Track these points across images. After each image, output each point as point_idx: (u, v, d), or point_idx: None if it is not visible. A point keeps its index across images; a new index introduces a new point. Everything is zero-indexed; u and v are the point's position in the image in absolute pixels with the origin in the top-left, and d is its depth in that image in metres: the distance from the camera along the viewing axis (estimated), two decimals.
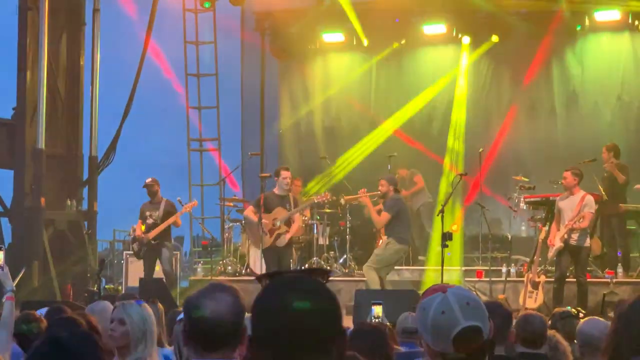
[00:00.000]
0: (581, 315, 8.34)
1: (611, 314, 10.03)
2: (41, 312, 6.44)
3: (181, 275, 17.80)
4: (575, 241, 13.43)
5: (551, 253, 13.74)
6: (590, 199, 13.54)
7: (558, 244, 13.50)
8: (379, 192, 14.18)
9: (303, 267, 16.68)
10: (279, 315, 2.32)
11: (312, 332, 2.32)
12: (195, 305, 3.29)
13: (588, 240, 13.62)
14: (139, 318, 5.16)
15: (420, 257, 17.28)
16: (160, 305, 6.36)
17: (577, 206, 13.41)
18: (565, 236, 13.43)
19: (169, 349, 5.71)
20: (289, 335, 2.31)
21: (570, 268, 13.77)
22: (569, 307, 9.79)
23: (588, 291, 13.64)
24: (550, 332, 6.34)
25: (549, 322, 7.12)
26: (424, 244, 17.77)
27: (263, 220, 14.06)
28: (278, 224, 13.99)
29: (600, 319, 6.52)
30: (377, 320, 6.94)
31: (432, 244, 16.82)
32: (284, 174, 14.09)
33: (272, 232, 14.04)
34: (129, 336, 5.13)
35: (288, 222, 14.09)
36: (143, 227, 15.47)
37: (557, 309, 8.09)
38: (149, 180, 15.48)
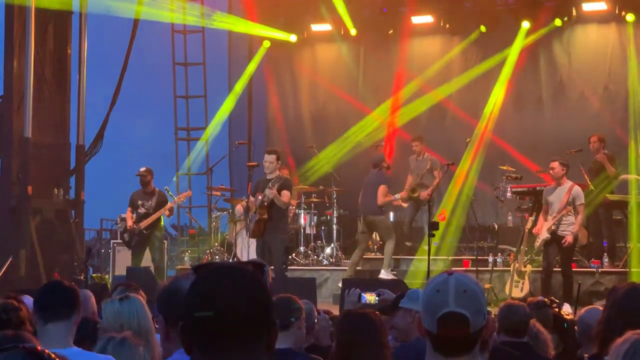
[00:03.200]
0: (554, 305, 8.36)
1: (597, 304, 10.05)
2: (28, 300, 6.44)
3: (168, 265, 17.81)
4: (563, 232, 13.47)
5: (538, 243, 13.78)
6: (578, 189, 13.58)
7: (545, 234, 13.54)
8: None
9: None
10: (208, 302, 2.34)
11: (241, 321, 2.34)
12: None
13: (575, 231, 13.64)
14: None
15: (407, 243, 17.24)
16: (142, 293, 6.33)
17: (565, 197, 13.46)
18: (553, 227, 13.47)
19: None
20: (216, 324, 2.33)
21: (557, 258, 13.80)
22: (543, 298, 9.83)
23: (574, 281, 13.67)
24: (531, 322, 6.38)
25: None
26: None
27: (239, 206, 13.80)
28: (255, 210, 13.38)
29: (600, 307, 6.55)
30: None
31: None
32: (265, 157, 13.63)
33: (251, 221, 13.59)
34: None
35: (264, 206, 13.23)
36: (133, 216, 15.46)
37: (530, 299, 8.10)
38: (142, 169, 15.47)
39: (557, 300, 12.16)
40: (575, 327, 6.53)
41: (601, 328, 4.00)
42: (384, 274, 15.27)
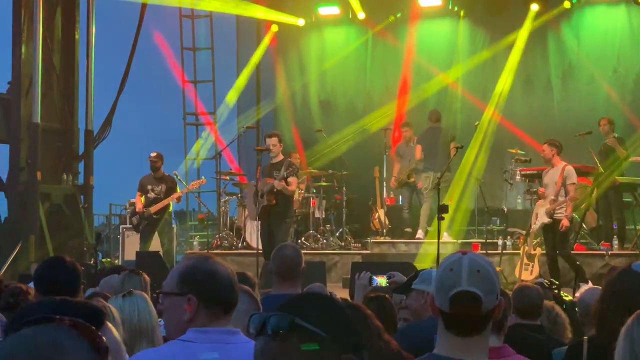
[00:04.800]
0: (554, 287, 8.35)
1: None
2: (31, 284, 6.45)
3: (177, 249, 17.84)
4: (558, 215, 13.37)
5: (535, 227, 13.71)
6: (569, 169, 13.38)
7: (544, 218, 13.45)
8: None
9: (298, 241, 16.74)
10: None
11: None
12: None
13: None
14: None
15: (406, 229, 17.23)
16: (145, 277, 6.32)
17: (558, 179, 13.34)
18: (551, 210, 13.40)
19: None
20: None
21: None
22: (541, 279, 9.80)
23: (580, 262, 13.64)
24: (549, 304, 6.36)
25: None
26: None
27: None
28: (262, 195, 13.29)
29: (599, 288, 6.53)
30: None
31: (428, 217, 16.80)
32: (266, 141, 13.58)
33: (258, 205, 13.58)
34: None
35: (272, 193, 13.24)
36: (142, 200, 15.49)
37: (524, 281, 8.09)
38: (153, 154, 15.48)
39: (557, 282, 12.21)
40: (576, 309, 6.52)
41: (597, 308, 4.01)
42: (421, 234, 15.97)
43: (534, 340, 5.56)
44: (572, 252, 13.88)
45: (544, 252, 14.06)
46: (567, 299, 7.91)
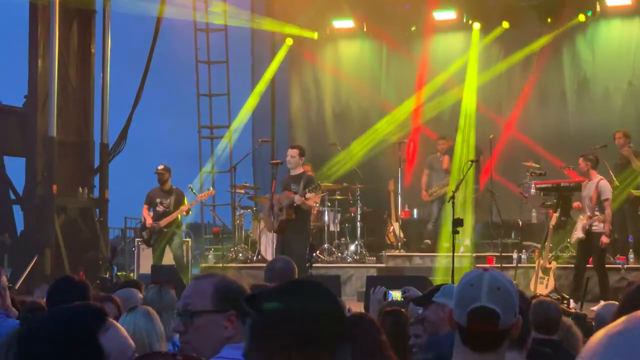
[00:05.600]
0: (564, 301, 8.35)
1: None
2: None
3: (192, 263, 17.85)
4: (595, 229, 13.43)
5: (572, 239, 13.83)
6: (604, 184, 13.53)
7: (580, 233, 13.52)
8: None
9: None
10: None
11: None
12: None
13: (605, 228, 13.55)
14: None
15: (426, 241, 17.26)
16: (173, 291, 6.36)
17: (593, 193, 13.43)
18: (587, 226, 13.45)
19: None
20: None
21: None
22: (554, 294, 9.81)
23: (606, 277, 13.65)
24: (563, 318, 6.34)
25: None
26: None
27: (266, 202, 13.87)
28: (281, 208, 13.43)
29: (616, 303, 6.52)
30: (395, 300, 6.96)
31: (443, 230, 16.79)
32: (288, 152, 13.68)
33: (275, 218, 13.66)
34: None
35: (292, 207, 13.34)
36: (150, 214, 15.49)
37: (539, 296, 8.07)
38: (160, 167, 15.50)
39: (566, 296, 12.19)
40: (593, 324, 6.50)
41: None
42: None
43: (553, 357, 5.54)
44: (587, 266, 13.88)
45: (559, 265, 14.04)
46: (572, 312, 7.90)
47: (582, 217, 13.65)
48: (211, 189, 17.07)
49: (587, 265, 13.70)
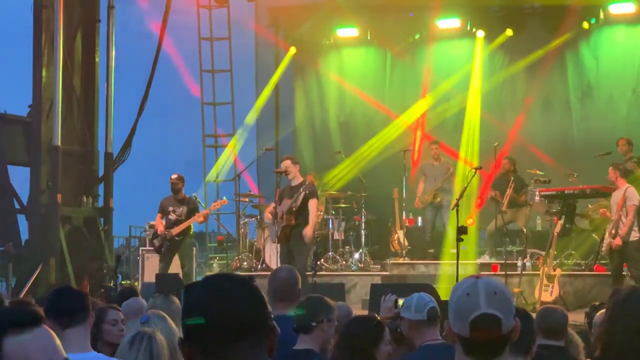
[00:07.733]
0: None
1: None
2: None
3: (197, 271, 17.84)
4: (621, 236, 13.49)
5: (604, 248, 13.93)
6: (630, 191, 13.65)
7: (609, 239, 13.61)
8: None
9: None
10: (199, 310, 2.38)
11: (234, 327, 2.37)
12: None
13: (635, 234, 13.59)
14: None
15: (429, 250, 17.27)
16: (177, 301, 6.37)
17: (620, 200, 13.52)
18: (613, 231, 13.52)
19: None
20: (209, 331, 2.37)
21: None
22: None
23: (601, 283, 13.69)
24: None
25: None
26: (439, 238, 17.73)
27: (267, 213, 13.81)
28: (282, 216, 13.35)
29: None
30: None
31: (447, 238, 16.79)
32: (280, 166, 13.57)
33: (278, 227, 13.58)
34: None
35: (292, 212, 13.18)
36: (163, 222, 15.48)
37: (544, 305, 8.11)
38: (174, 176, 15.45)
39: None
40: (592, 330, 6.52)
41: (602, 330, 3.95)
42: None
43: None
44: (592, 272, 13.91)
45: (564, 272, 14.03)
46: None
47: (610, 225, 13.76)
48: (224, 198, 17.00)
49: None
